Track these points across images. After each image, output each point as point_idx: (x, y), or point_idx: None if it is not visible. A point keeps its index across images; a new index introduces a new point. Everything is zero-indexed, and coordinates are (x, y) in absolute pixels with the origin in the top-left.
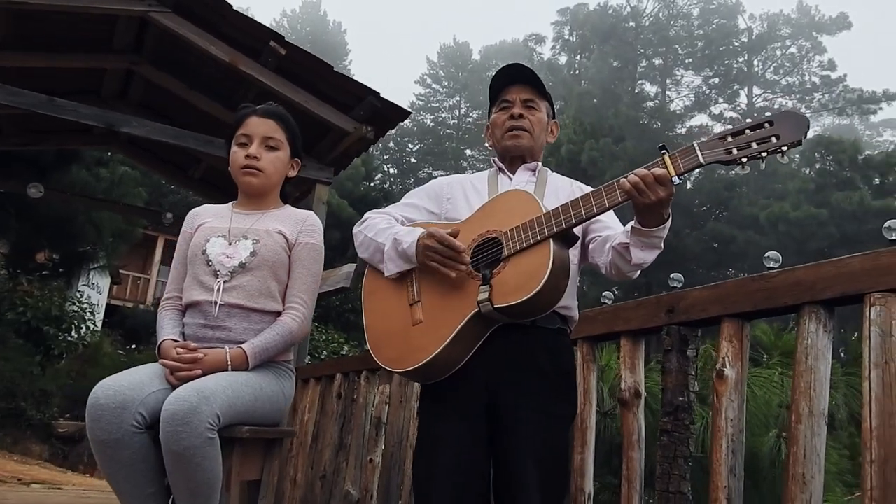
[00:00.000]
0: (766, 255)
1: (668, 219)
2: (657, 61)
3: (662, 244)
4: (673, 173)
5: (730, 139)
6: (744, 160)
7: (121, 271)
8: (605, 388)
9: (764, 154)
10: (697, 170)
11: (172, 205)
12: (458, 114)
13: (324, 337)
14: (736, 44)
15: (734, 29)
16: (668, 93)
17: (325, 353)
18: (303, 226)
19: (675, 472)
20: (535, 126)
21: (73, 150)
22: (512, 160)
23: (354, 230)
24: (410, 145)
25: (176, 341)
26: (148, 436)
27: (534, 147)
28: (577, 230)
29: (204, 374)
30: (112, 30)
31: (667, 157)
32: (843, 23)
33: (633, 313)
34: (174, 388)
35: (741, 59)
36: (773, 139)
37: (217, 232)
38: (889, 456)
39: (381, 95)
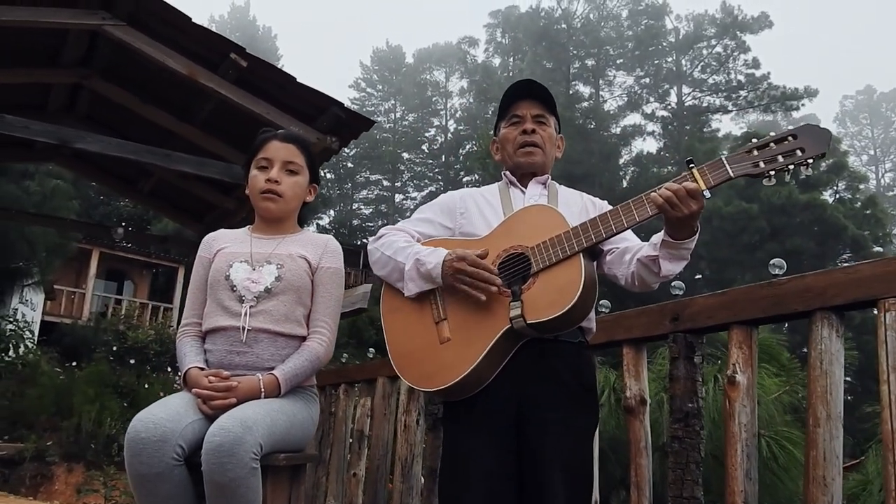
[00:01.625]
0: (772, 262)
1: (697, 231)
2: (589, 62)
3: (689, 255)
4: (704, 187)
5: (756, 153)
6: (771, 173)
7: (55, 287)
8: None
9: (791, 167)
10: (728, 182)
11: (104, 216)
12: (393, 117)
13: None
14: (664, 44)
15: (662, 29)
16: (601, 93)
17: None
18: (324, 250)
19: (688, 477)
20: (546, 142)
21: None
22: (523, 175)
23: (370, 247)
24: (346, 150)
25: (202, 369)
26: (185, 467)
27: (545, 163)
28: None
29: (238, 402)
30: (61, 43)
31: (696, 170)
32: (765, 22)
33: (635, 321)
34: (209, 417)
35: (670, 59)
36: (799, 152)
37: (239, 257)
38: None
39: (345, 106)
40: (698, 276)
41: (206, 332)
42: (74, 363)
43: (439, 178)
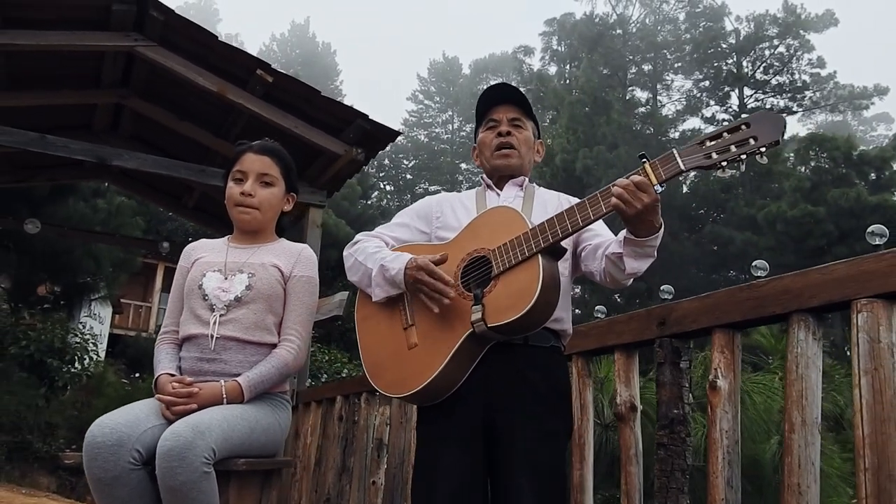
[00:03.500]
0: (754, 263)
1: (660, 227)
2: (646, 67)
3: (655, 253)
4: (654, 181)
5: (708, 143)
6: (724, 164)
7: (122, 300)
8: (605, 400)
9: (743, 156)
10: (681, 175)
11: (171, 232)
12: (451, 128)
13: (326, 357)
14: (724, 46)
15: (721, 31)
16: (659, 98)
17: (325, 375)
18: (297, 259)
19: (673, 485)
20: (522, 144)
21: (67, 183)
22: (500, 178)
23: (345, 253)
24: (405, 162)
25: (172, 375)
26: (145, 472)
27: (522, 165)
28: (567, 241)
29: (200, 408)
30: (100, 65)
31: (647, 165)
32: (830, 20)
33: (625, 326)
34: (170, 423)
35: (730, 61)
36: (752, 141)
37: (213, 266)
38: (882, 463)
39: (370, 117)
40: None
41: (181, 340)
42: (138, 374)
43: None
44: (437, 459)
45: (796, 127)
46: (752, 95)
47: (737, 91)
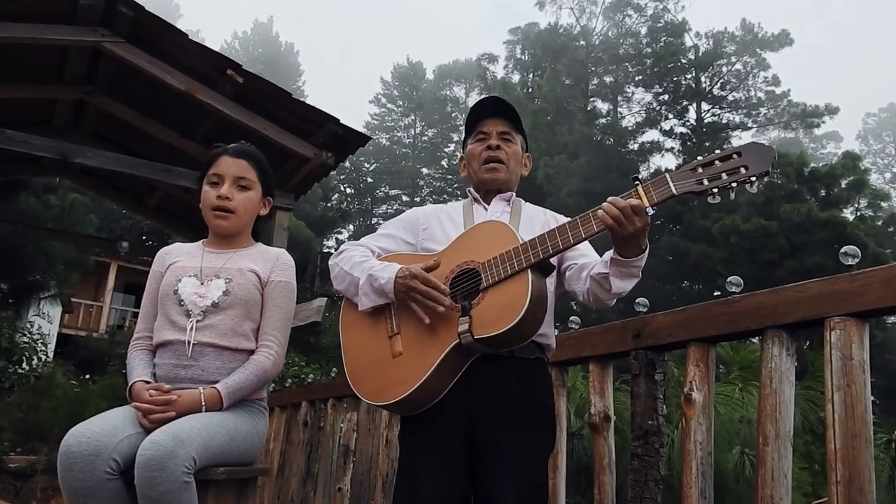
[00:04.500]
0: (729, 279)
1: (645, 249)
2: (608, 79)
3: (640, 273)
4: (647, 204)
5: (700, 170)
6: (714, 191)
7: (72, 299)
8: (571, 409)
9: (734, 185)
10: (672, 200)
11: (125, 230)
12: (413, 133)
13: (286, 362)
14: (683, 61)
15: (681, 46)
16: (619, 109)
17: (289, 380)
18: (275, 264)
19: (647, 495)
20: (510, 158)
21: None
22: (487, 191)
23: (330, 262)
24: (367, 165)
25: (148, 382)
26: (121, 481)
27: (510, 179)
28: (553, 259)
29: (178, 416)
30: (64, 60)
31: (640, 188)
32: (785, 39)
33: (600, 338)
34: (148, 431)
35: (689, 76)
36: (743, 170)
37: (189, 271)
38: (853, 476)
39: (341, 121)
40: (716, 293)
41: (156, 346)
42: (89, 375)
43: (458, 192)
44: (420, 468)
45: None
46: (709, 110)
47: (695, 105)
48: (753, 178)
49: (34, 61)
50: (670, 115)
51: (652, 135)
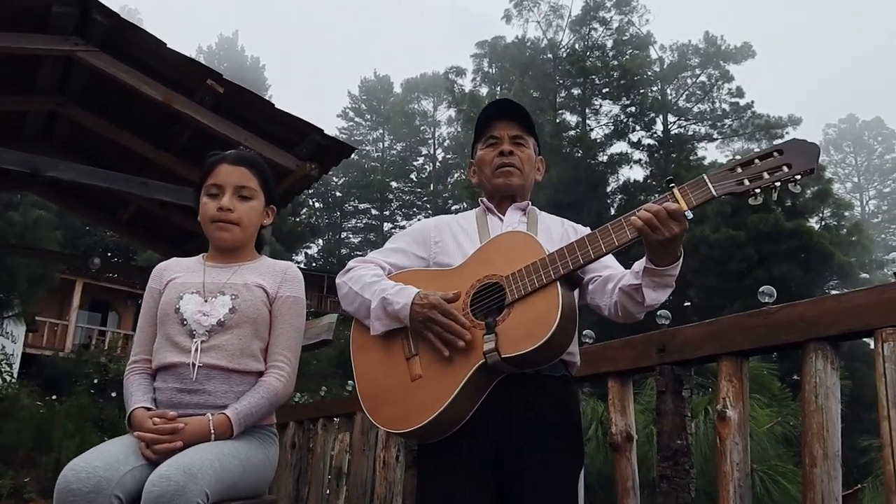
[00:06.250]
0: (761, 290)
1: (680, 256)
2: (576, 91)
3: (674, 283)
4: (685, 207)
5: (739, 170)
6: (757, 191)
7: (37, 318)
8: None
9: (777, 184)
10: (712, 202)
11: (90, 246)
12: (381, 146)
13: None
14: (649, 73)
15: (647, 59)
16: (587, 122)
17: None
18: (283, 278)
19: None
20: (524, 163)
21: None
22: (501, 199)
23: (338, 280)
24: (335, 179)
25: (149, 409)
26: None
27: (524, 185)
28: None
29: (185, 446)
30: (35, 70)
31: (676, 190)
32: (748, 52)
33: (620, 353)
34: (153, 463)
35: (655, 88)
36: (785, 168)
37: (190, 288)
38: None
39: (325, 132)
40: (687, 304)
41: (155, 370)
42: (55, 396)
43: (427, 206)
44: (446, 496)
45: (715, 154)
46: (675, 122)
47: (661, 118)
48: (798, 177)
49: (3, 71)
50: (638, 127)
51: (620, 146)
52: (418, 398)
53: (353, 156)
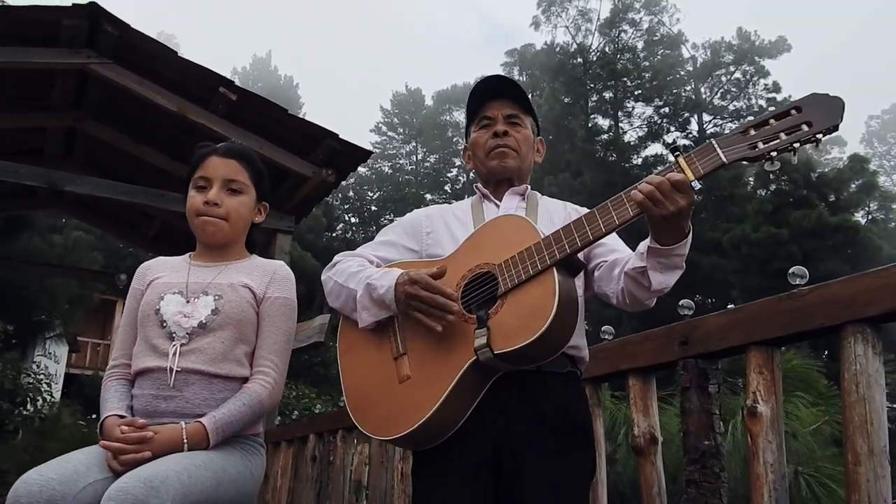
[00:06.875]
0: (791, 270)
1: (688, 233)
2: (607, 95)
3: (684, 263)
4: (692, 177)
5: (752, 132)
6: (773, 154)
7: (79, 338)
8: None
9: (796, 145)
10: (723, 169)
11: (130, 268)
12: (415, 159)
13: (294, 393)
14: (682, 73)
15: (679, 59)
16: (620, 125)
17: (296, 412)
18: (272, 277)
19: None
20: (521, 144)
21: (21, 217)
22: (497, 184)
23: (323, 276)
24: (370, 193)
25: (122, 417)
26: None
27: (521, 167)
28: (581, 256)
29: (155, 457)
30: (50, 86)
31: (682, 159)
32: (783, 46)
33: (639, 347)
34: (118, 475)
35: (689, 88)
36: (805, 127)
37: (172, 288)
38: None
39: (340, 136)
40: (730, 305)
41: (134, 375)
42: (96, 416)
43: None
44: (439, 495)
45: None
46: (710, 121)
47: (696, 117)
48: (820, 135)
49: (18, 88)
50: (672, 128)
51: (655, 148)
52: (406, 401)
53: (386, 169)
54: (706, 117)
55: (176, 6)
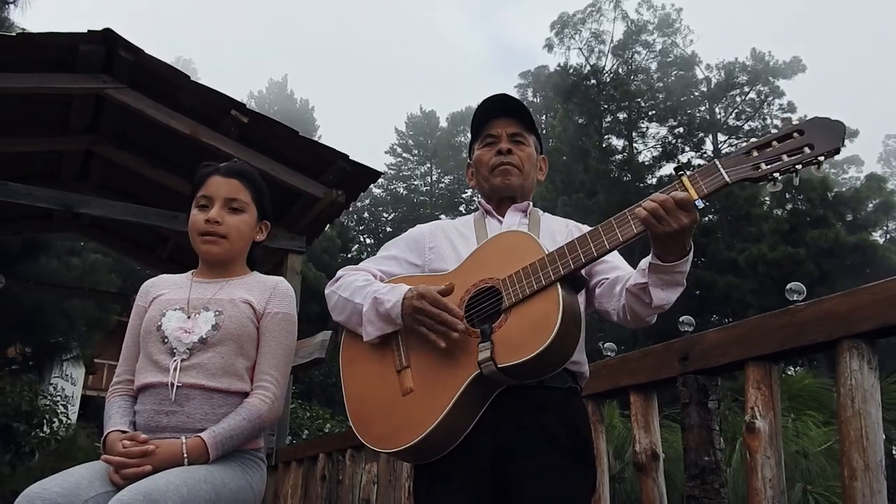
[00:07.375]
0: (788, 286)
1: (689, 251)
2: (621, 115)
3: (685, 280)
4: (695, 196)
5: (755, 153)
6: (776, 175)
7: (96, 360)
8: (609, 449)
9: (799, 167)
10: (725, 189)
11: None
12: (429, 180)
13: (308, 414)
14: (696, 93)
15: (693, 79)
16: (635, 145)
17: (307, 431)
18: (272, 293)
19: None
20: (524, 162)
21: (39, 239)
22: (500, 201)
23: (327, 290)
24: (385, 214)
25: (125, 432)
26: None
27: (524, 185)
28: (583, 273)
29: (155, 471)
30: (67, 110)
31: (685, 178)
32: (798, 66)
33: (639, 364)
34: (119, 489)
35: (703, 108)
36: (807, 149)
37: (174, 304)
38: None
39: (350, 157)
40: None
41: (137, 391)
42: None
43: None
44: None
45: None
46: (725, 141)
47: (710, 137)
48: (822, 158)
49: (36, 112)
50: (686, 148)
51: (669, 168)
52: (409, 414)
53: (401, 191)
54: (721, 137)
55: (195, 31)
